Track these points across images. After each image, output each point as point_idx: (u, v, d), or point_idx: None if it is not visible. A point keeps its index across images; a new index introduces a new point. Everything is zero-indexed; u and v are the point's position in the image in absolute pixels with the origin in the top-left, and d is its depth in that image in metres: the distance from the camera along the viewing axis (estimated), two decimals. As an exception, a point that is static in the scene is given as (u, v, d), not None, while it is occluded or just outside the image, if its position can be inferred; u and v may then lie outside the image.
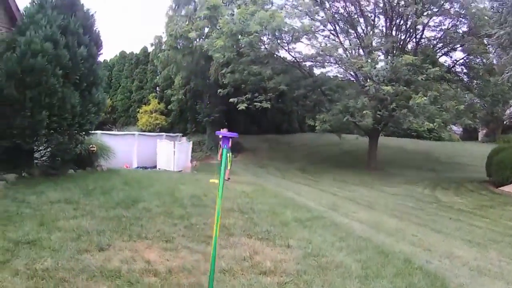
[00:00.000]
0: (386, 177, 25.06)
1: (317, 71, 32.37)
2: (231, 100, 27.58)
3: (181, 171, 22.45)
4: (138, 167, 22.94)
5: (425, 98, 21.96)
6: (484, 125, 40.04)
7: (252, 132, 37.63)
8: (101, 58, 13.89)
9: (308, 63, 30.61)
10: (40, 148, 11.98)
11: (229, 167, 16.66)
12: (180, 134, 32.05)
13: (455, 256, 8.11)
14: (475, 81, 29.27)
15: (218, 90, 29.31)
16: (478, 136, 47.78)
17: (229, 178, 16.88)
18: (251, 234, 7.84)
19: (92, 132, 13.86)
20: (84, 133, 13.03)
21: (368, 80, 24.03)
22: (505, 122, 45.16)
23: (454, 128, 40.23)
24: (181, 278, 5.35)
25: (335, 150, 35.92)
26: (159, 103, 38.55)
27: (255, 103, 27.03)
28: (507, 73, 17.43)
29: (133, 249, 6.34)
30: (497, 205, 16.32)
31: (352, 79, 30.19)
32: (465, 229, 11.43)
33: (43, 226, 6.84)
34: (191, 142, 26.46)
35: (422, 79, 23.30)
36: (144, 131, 33.41)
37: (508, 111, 37.04)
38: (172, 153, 22.93)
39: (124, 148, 20.93)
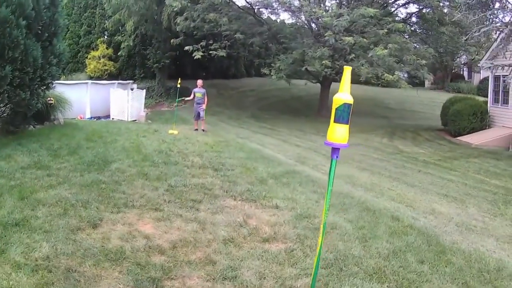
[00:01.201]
0: None
1: (273, 18, 31.74)
2: (186, 48, 26.68)
3: (135, 120, 21.76)
4: (91, 117, 22.09)
5: (385, 50, 22.07)
6: (431, 72, 41.09)
7: (199, 77, 36.57)
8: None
9: (263, 10, 29.94)
10: (1, 105, 11.18)
11: (204, 118, 16.46)
12: (131, 81, 30.84)
13: (438, 212, 8.33)
14: (430, 33, 29.88)
15: (172, 40, 28.56)
16: (424, 83, 48.68)
17: (204, 130, 16.60)
18: (234, 195, 7.74)
19: (52, 86, 13.01)
20: (45, 87, 12.20)
21: (328, 30, 23.69)
22: (454, 71, 46.65)
23: (400, 74, 41.00)
24: (188, 254, 5.16)
25: (284, 96, 35.81)
26: (107, 48, 36.73)
27: (211, 52, 26.52)
28: (476, 32, 18.15)
29: (126, 222, 6.07)
30: (460, 157, 16.97)
31: (308, 28, 29.77)
32: (438, 183, 11.73)
33: (24, 201, 6.39)
34: (144, 90, 25.52)
35: (383, 33, 23.43)
36: (92, 78, 32.05)
37: (458, 60, 38.15)
38: (126, 101, 22.08)
39: (77, 98, 19.83)
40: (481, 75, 43.63)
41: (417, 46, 29.21)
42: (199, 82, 17.00)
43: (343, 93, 3.19)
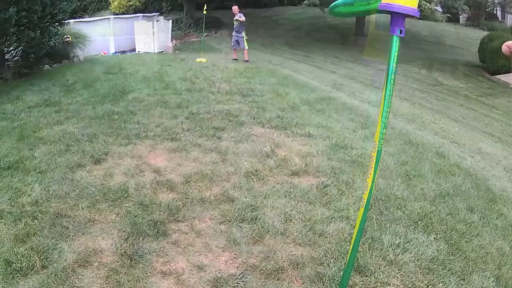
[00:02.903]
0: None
1: None
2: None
3: (162, 51, 20.92)
4: (116, 52, 21.27)
5: None
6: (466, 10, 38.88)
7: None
8: None
9: None
10: (11, 48, 10.45)
11: (246, 47, 15.08)
12: (157, 13, 29.72)
13: (484, 153, 7.32)
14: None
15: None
16: (459, 19, 46.69)
17: (246, 60, 15.44)
18: (263, 122, 6.87)
19: (65, 22, 12.18)
20: (57, 24, 11.37)
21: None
22: (487, 9, 44.32)
23: (438, 8, 39.18)
24: (202, 190, 4.37)
25: (319, 24, 33.90)
26: (131, -18, 35.36)
27: None
28: None
29: (135, 155, 5.31)
30: (501, 95, 15.79)
31: None
32: (482, 120, 10.77)
33: (24, 141, 5.68)
34: (170, 20, 24.42)
35: None
36: (117, 14, 31.04)
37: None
38: (151, 33, 21.13)
39: (100, 34, 19.20)
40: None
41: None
42: (235, 8, 15.66)
43: None
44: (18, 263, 3.10)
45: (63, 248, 3.31)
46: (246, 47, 14.83)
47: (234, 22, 14.98)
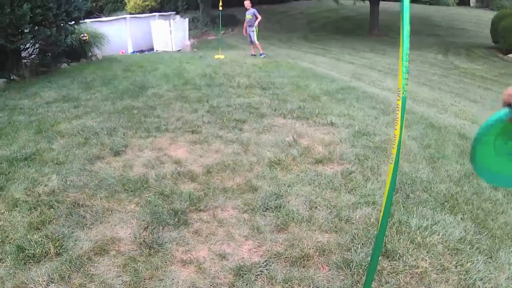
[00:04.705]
0: (392, 43, 23.42)
1: None
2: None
3: (180, 50, 20.89)
4: (134, 51, 21.24)
5: None
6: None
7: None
8: None
9: None
10: (27, 46, 10.43)
11: (256, 41, 14.92)
12: (173, 12, 29.72)
13: None
14: None
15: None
16: (469, 2, 46.30)
17: (253, 54, 15.27)
18: (284, 113, 6.72)
19: (81, 21, 12.17)
20: (73, 22, 11.35)
21: None
22: None
23: None
24: (224, 180, 4.21)
25: (334, 17, 33.76)
26: (146, -17, 35.42)
27: None
28: None
29: (155, 147, 5.18)
30: None
31: None
32: (499, 99, 10.29)
33: (41, 134, 5.61)
34: (186, 19, 24.38)
35: None
36: (133, 14, 31.12)
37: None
38: (168, 32, 21.11)
39: (117, 34, 19.11)
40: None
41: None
42: (247, 3, 15.52)
43: None
44: (31, 249, 2.98)
45: (79, 236, 3.19)
46: (256, 41, 14.67)
47: (247, 17, 14.84)
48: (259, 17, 14.54)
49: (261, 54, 14.56)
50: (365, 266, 2.84)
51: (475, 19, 35.01)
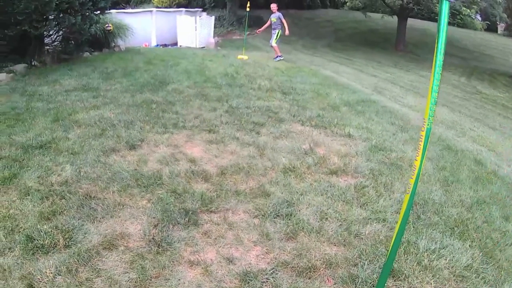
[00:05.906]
0: (417, 60, 23.42)
1: None
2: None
3: (204, 47, 20.90)
4: (157, 45, 21.31)
5: None
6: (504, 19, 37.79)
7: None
8: None
9: None
10: (51, 32, 10.47)
11: (273, 44, 14.85)
12: (200, 9, 29.79)
13: None
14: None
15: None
16: (497, 29, 46.03)
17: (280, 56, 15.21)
18: (302, 120, 6.69)
19: (107, 11, 12.17)
20: (99, 11, 11.38)
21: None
22: None
23: (477, 17, 38.47)
24: (238, 183, 4.19)
25: (361, 28, 33.59)
26: (175, -23, 35.51)
27: None
28: None
29: (171, 143, 5.18)
30: None
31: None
32: None
33: (58, 122, 5.63)
34: (212, 17, 24.40)
35: None
36: (160, 8, 31.25)
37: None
38: (193, 28, 21.15)
39: (142, 26, 19.16)
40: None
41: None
42: (273, 6, 15.48)
43: None
44: (40, 240, 2.99)
45: (89, 229, 3.20)
46: (274, 44, 14.61)
47: (272, 19, 14.78)
48: (285, 22, 14.48)
49: (276, 57, 14.50)
50: (370, 283, 2.82)
51: (501, 46, 34.70)
